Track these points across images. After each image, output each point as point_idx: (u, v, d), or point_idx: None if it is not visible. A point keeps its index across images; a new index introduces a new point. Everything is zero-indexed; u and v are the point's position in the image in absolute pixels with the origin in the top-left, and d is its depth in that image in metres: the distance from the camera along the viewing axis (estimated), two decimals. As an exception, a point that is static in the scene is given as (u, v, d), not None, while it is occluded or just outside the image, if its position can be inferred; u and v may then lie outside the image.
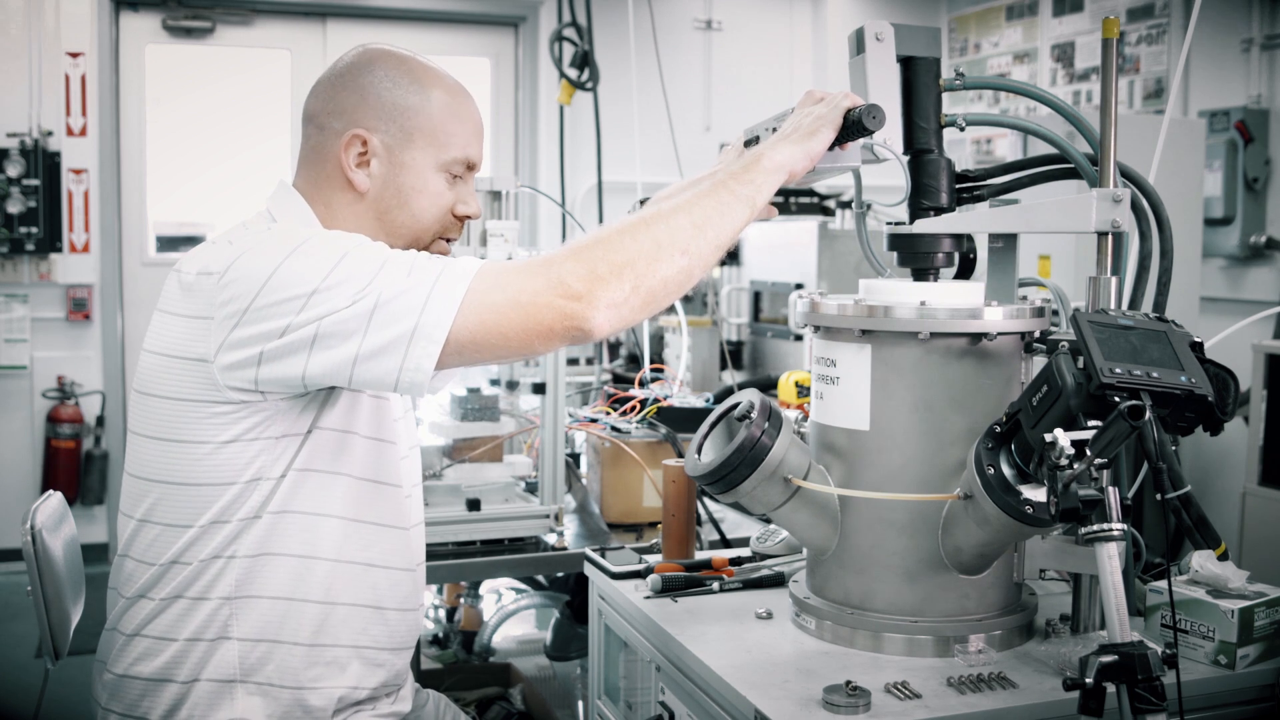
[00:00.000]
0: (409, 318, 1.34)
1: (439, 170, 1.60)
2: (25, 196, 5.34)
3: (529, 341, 1.36)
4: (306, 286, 1.37)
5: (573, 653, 3.11)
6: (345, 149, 1.57)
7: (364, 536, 1.58)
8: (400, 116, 1.58)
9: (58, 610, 2.10)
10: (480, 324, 1.35)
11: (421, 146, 1.59)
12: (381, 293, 1.35)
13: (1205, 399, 1.35)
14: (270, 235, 1.45)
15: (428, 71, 1.61)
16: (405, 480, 1.66)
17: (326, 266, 1.37)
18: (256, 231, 1.49)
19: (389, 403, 1.63)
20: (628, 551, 2.06)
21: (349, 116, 1.58)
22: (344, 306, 1.35)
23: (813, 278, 4.06)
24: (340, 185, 1.59)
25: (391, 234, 1.60)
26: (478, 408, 2.55)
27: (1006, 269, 1.76)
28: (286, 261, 1.39)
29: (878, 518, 1.64)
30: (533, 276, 1.35)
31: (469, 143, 1.62)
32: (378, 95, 1.58)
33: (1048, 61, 6.19)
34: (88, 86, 5.51)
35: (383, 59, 1.61)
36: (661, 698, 1.76)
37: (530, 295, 1.34)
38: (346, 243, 1.41)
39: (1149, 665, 1.23)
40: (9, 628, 4.65)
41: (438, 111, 1.59)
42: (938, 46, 1.72)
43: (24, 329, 5.51)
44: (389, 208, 1.59)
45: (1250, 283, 5.08)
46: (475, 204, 1.65)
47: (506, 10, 6.40)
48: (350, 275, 1.36)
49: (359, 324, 1.35)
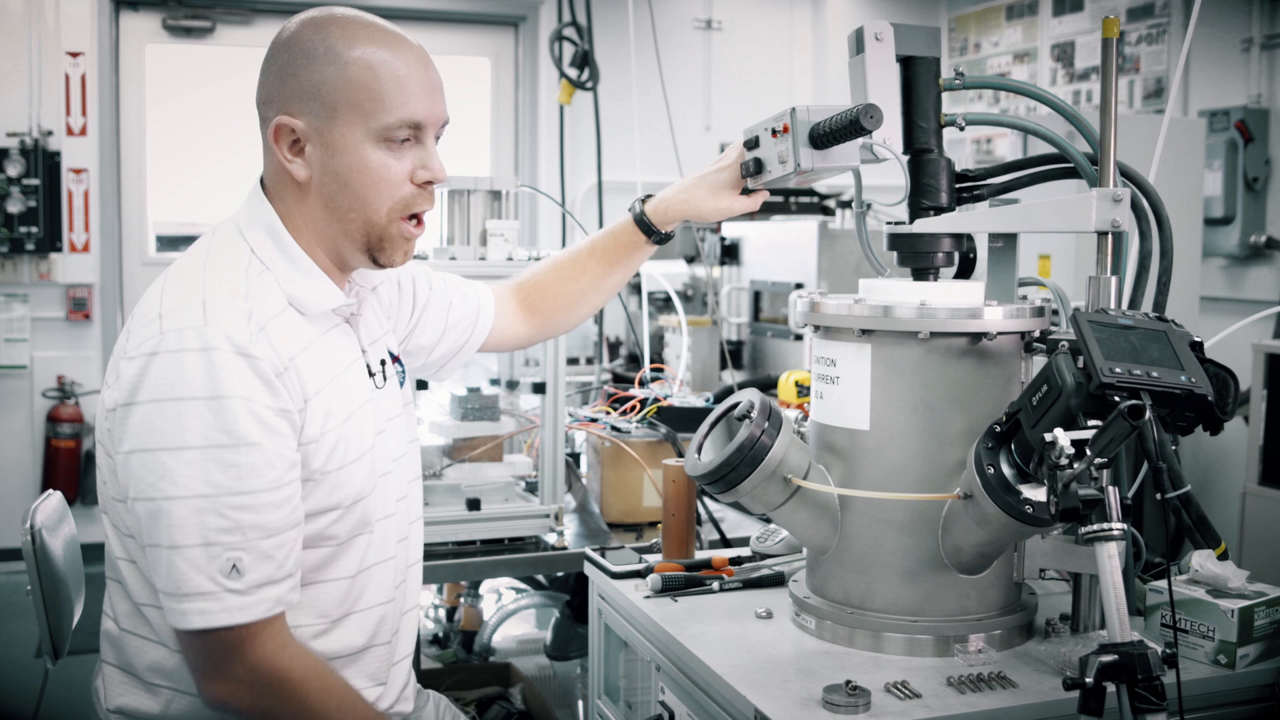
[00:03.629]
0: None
1: (375, 141, 1.46)
2: (25, 196, 5.34)
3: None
4: (148, 485, 1.36)
5: (573, 652, 3.11)
6: (276, 140, 1.47)
7: (379, 553, 1.56)
8: (319, 93, 1.45)
9: (57, 610, 2.10)
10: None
11: (348, 120, 1.45)
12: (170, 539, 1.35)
13: (1205, 399, 1.35)
14: (164, 380, 1.36)
15: (348, 33, 1.47)
16: (392, 498, 1.60)
17: (167, 484, 1.35)
18: (283, 251, 1.48)
19: (363, 431, 1.54)
20: (628, 551, 2.06)
21: (275, 103, 1.47)
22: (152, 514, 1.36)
23: (813, 278, 4.06)
24: (286, 179, 1.50)
25: (344, 222, 1.49)
26: (478, 407, 2.55)
27: (1006, 269, 1.76)
28: (145, 454, 1.36)
29: (878, 517, 1.64)
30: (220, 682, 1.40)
31: (406, 100, 1.47)
32: (294, 74, 1.46)
33: (1048, 61, 6.19)
34: (88, 86, 5.51)
35: (301, 31, 1.48)
36: (661, 697, 1.76)
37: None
38: (194, 473, 1.34)
39: (1149, 665, 1.23)
40: (9, 627, 4.65)
41: (358, 75, 1.44)
42: (937, 46, 1.72)
43: (24, 329, 5.51)
44: (332, 195, 1.48)
45: (1250, 282, 5.08)
46: (437, 166, 1.52)
47: (506, 10, 6.40)
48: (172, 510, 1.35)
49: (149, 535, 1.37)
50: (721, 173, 1.84)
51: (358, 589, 1.54)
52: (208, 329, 1.36)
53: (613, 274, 1.94)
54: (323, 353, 1.49)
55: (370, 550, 1.55)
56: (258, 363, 1.37)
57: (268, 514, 1.37)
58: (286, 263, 1.49)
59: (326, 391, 1.47)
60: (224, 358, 1.35)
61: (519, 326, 1.96)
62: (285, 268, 1.49)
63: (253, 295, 1.43)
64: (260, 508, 1.36)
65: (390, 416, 1.62)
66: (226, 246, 1.49)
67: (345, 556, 1.52)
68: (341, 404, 1.49)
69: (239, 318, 1.39)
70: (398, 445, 1.63)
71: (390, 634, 1.60)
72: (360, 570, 1.53)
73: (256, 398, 1.36)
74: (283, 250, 1.49)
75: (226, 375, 1.35)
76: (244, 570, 1.36)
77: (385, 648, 1.59)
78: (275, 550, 1.38)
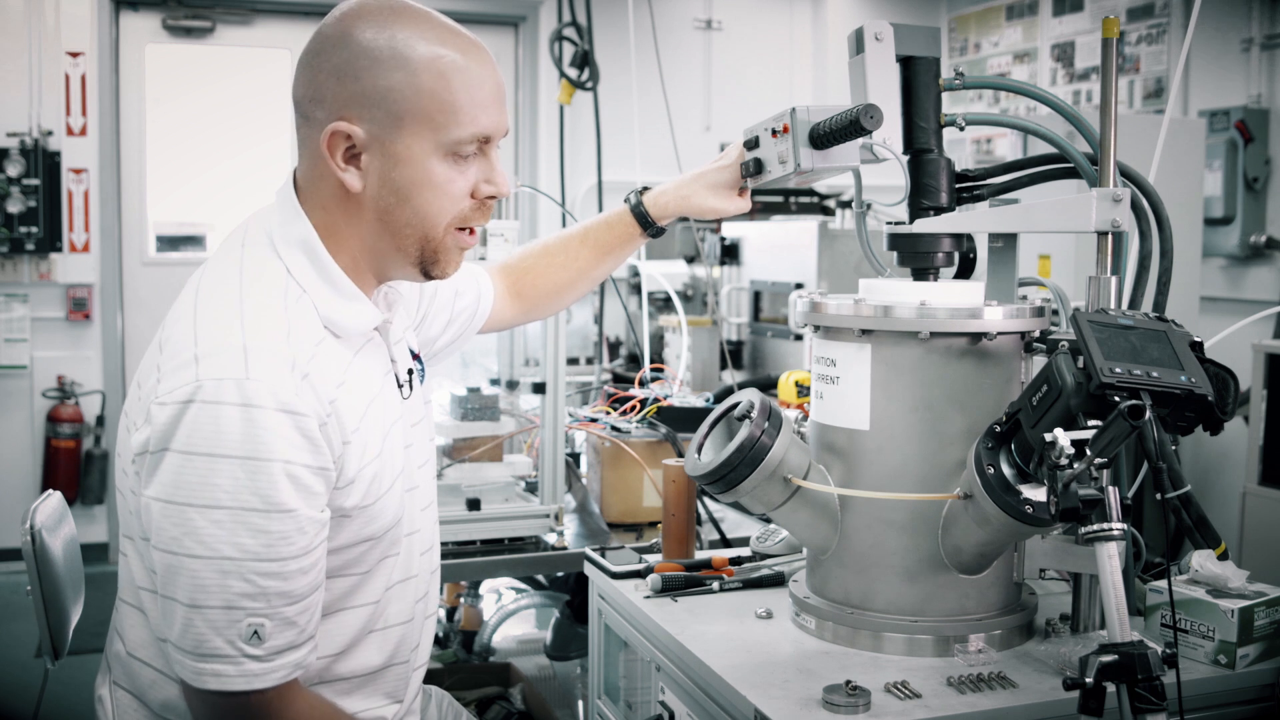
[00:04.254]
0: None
1: (443, 155, 1.37)
2: (25, 196, 5.34)
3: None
4: (170, 539, 1.27)
5: (573, 652, 3.11)
6: (329, 147, 1.35)
7: (402, 571, 1.52)
8: (385, 100, 1.33)
9: (57, 610, 2.10)
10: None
11: (415, 131, 1.35)
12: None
13: (1205, 398, 1.35)
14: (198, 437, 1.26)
15: (416, 34, 1.35)
16: (418, 509, 1.57)
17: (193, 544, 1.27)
18: (321, 272, 1.39)
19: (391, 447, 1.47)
20: (628, 551, 2.06)
21: (329, 105, 1.35)
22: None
23: (813, 278, 4.06)
24: (333, 186, 1.39)
25: (398, 235, 1.40)
26: (478, 407, 2.55)
27: (1006, 269, 1.76)
28: (171, 506, 1.27)
29: (877, 517, 1.64)
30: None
31: (478, 114, 1.37)
32: (355, 76, 1.33)
33: (1048, 61, 6.19)
34: (88, 86, 5.51)
35: (359, 25, 1.35)
36: (661, 698, 1.76)
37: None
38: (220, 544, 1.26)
39: (1149, 665, 1.23)
40: (9, 628, 4.65)
41: (430, 85, 1.34)
42: (937, 46, 1.72)
43: (24, 329, 5.51)
44: (389, 207, 1.38)
45: (1250, 282, 5.08)
46: (502, 181, 1.43)
47: (506, 10, 6.40)
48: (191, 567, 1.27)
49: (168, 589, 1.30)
50: (722, 172, 1.85)
51: (380, 610, 1.49)
52: (250, 383, 1.26)
53: (603, 263, 1.94)
54: (358, 382, 1.41)
55: (395, 570, 1.50)
56: (302, 420, 1.28)
57: (295, 581, 1.30)
58: (324, 285, 1.39)
59: (363, 427, 1.39)
60: (266, 416, 1.26)
61: (505, 309, 1.93)
62: (323, 290, 1.39)
63: (294, 334, 1.33)
64: (288, 575, 1.29)
65: (415, 422, 1.57)
66: (261, 268, 1.39)
67: (371, 582, 1.46)
68: (376, 434, 1.42)
69: (282, 368, 1.29)
70: (422, 453, 1.59)
71: (410, 651, 1.56)
72: (386, 589, 1.49)
73: (297, 459, 1.28)
74: (320, 271, 1.40)
75: (268, 435, 1.26)
76: (265, 637, 1.29)
77: (404, 666, 1.55)
78: (298, 616, 1.32)
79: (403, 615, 1.52)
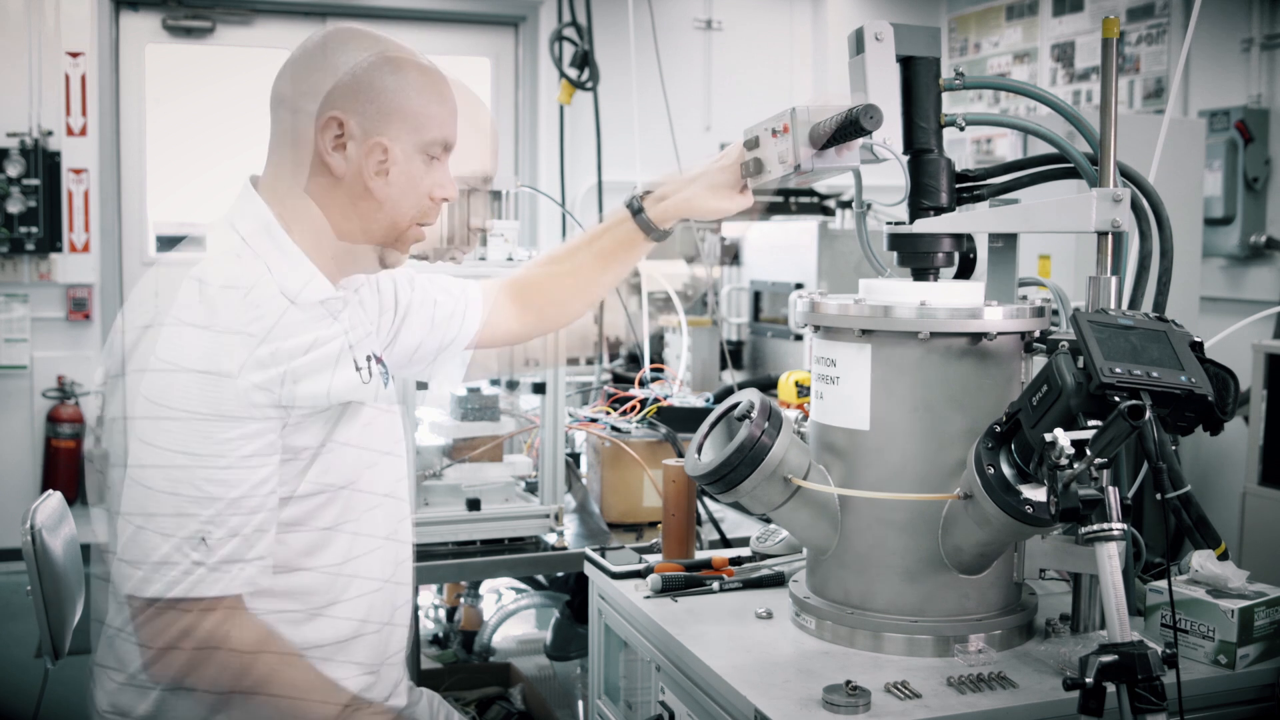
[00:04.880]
0: None
1: (418, 152, 1.57)
2: (25, 196, 5.35)
3: None
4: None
5: (573, 653, 3.11)
6: (321, 132, 1.53)
7: (365, 545, 1.60)
8: (377, 97, 1.54)
9: (57, 610, 2.10)
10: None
11: (399, 128, 1.55)
12: None
13: (1205, 399, 1.35)
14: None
15: (402, 52, 1.58)
16: (380, 491, 1.65)
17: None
18: (276, 244, 1.54)
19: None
20: (628, 551, 2.06)
21: (322, 98, 1.53)
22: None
23: (813, 278, 4.06)
24: (316, 169, 1.55)
25: (367, 219, 1.57)
26: (478, 407, 2.55)
27: (1006, 269, 1.76)
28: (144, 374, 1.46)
29: (878, 517, 1.64)
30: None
31: (446, 123, 1.60)
32: (352, 75, 1.53)
33: (1048, 61, 6.19)
34: (88, 86, 5.51)
35: (356, 38, 1.57)
36: (661, 698, 1.76)
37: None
38: None
39: (1149, 665, 1.23)
40: (9, 627, 4.65)
41: (415, 92, 1.56)
42: (937, 46, 1.72)
43: (24, 329, 5.51)
44: (364, 193, 1.56)
45: (1250, 282, 5.08)
46: (452, 187, 1.63)
47: (506, 10, 6.40)
48: None
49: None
50: (722, 173, 1.84)
51: (343, 580, 1.57)
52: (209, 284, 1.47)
53: (608, 271, 1.94)
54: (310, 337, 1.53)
55: (356, 542, 1.59)
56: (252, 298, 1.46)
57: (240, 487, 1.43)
58: (277, 252, 1.54)
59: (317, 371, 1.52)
60: (221, 293, 1.46)
61: (512, 322, 1.97)
62: (274, 255, 1.53)
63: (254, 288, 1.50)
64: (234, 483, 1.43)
65: (376, 411, 1.64)
66: (221, 241, 1.55)
67: (331, 546, 1.56)
68: (328, 381, 1.53)
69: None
70: (384, 440, 1.65)
71: (380, 624, 1.62)
72: (346, 560, 1.57)
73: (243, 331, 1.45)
74: (275, 243, 1.54)
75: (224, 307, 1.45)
76: (212, 544, 1.42)
77: (375, 637, 1.61)
78: (243, 528, 1.44)
79: (368, 587, 1.61)
